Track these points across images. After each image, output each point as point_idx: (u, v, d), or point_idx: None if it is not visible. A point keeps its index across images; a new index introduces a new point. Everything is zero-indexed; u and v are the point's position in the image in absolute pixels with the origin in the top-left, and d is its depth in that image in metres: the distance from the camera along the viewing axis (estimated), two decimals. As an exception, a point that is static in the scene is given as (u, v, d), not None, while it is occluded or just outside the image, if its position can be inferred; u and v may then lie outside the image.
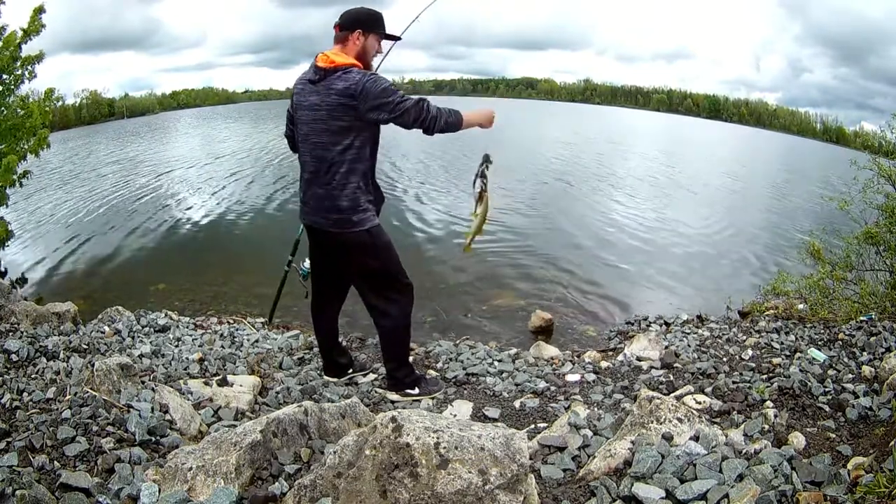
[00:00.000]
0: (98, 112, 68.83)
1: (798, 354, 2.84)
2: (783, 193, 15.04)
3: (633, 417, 1.71)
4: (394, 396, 2.65)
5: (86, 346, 3.07)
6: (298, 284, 3.63)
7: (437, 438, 1.19)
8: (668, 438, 1.56)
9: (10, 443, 1.61)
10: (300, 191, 2.46)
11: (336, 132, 2.25)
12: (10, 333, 3.16)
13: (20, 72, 5.51)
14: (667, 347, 3.43)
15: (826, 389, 2.22)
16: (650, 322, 4.86)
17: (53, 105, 6.10)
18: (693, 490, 1.34)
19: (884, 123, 4.35)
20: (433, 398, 2.68)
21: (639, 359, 3.30)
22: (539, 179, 13.41)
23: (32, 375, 2.50)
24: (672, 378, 2.77)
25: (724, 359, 3.08)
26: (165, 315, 4.24)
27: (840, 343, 2.98)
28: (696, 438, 1.55)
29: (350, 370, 2.88)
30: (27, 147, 5.55)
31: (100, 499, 1.38)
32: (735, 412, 2.11)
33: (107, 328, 3.60)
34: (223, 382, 2.47)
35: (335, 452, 1.32)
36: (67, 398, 1.90)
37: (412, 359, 3.29)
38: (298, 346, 3.47)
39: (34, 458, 1.52)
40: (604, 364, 3.28)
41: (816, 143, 69.74)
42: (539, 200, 10.84)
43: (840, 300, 3.85)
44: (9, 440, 1.64)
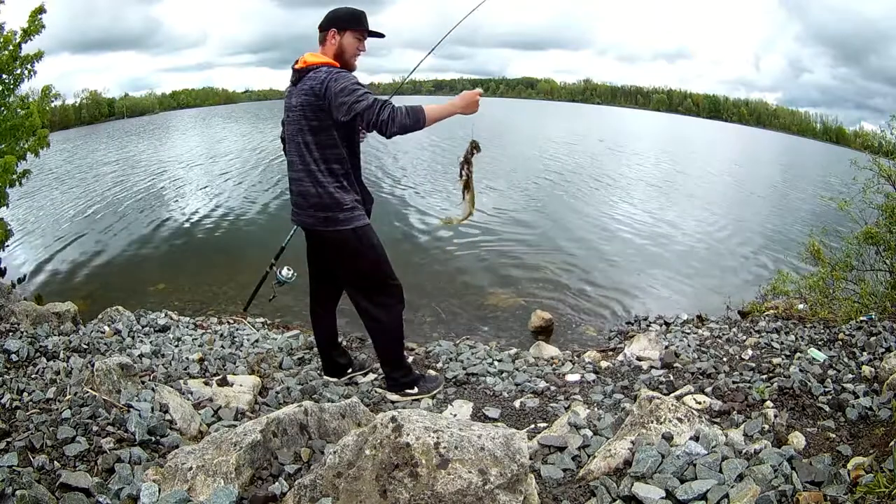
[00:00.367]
0: (98, 112, 68.86)
1: (798, 354, 2.84)
2: (783, 193, 15.05)
3: (633, 417, 1.71)
4: (393, 397, 2.66)
5: (86, 346, 3.08)
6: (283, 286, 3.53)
7: (437, 438, 1.19)
8: (668, 438, 1.56)
9: (10, 443, 1.62)
10: (290, 192, 2.48)
11: (312, 132, 2.27)
12: (10, 333, 3.16)
13: (20, 71, 5.50)
14: (667, 347, 3.43)
15: (826, 389, 2.22)
16: (650, 322, 4.86)
17: (51, 103, 6.09)
18: (693, 490, 1.34)
19: (883, 123, 4.36)
20: (433, 397, 2.68)
21: (639, 359, 3.29)
22: (539, 179, 13.41)
23: (32, 375, 2.50)
24: (672, 378, 2.77)
25: (724, 359, 3.08)
26: (165, 315, 4.24)
27: (840, 343, 2.98)
28: (696, 438, 1.55)
29: (350, 370, 2.88)
30: (26, 146, 5.54)
31: (100, 499, 1.38)
32: (735, 412, 2.11)
33: (107, 328, 3.60)
34: (223, 382, 2.47)
35: (335, 452, 1.32)
36: (67, 398, 1.90)
37: (412, 359, 3.30)
38: (298, 346, 3.46)
39: (34, 458, 1.52)
40: (604, 364, 3.28)
41: (816, 143, 69.75)
42: (539, 200, 10.85)
43: (840, 300, 3.85)
44: (9, 440, 1.64)
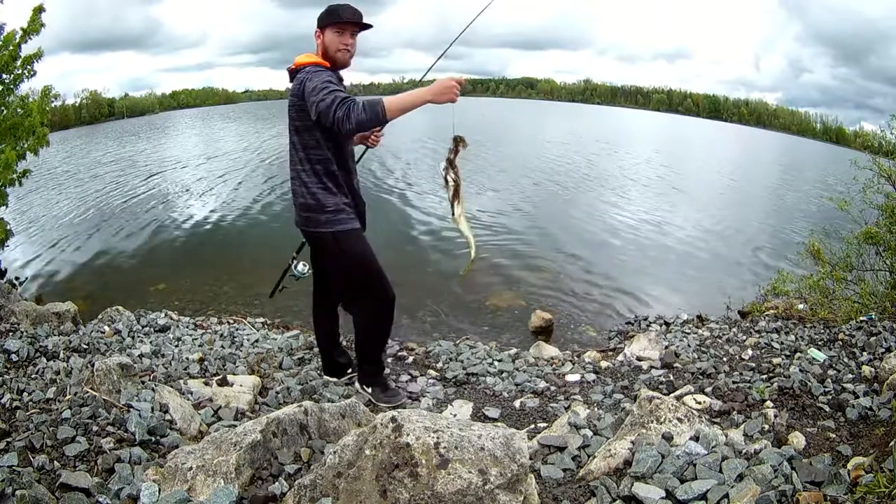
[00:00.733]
0: (98, 112, 68.91)
1: (798, 354, 2.84)
2: (783, 193, 15.05)
3: (633, 417, 1.71)
4: (356, 386, 2.67)
5: (86, 346, 3.08)
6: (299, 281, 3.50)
7: (437, 438, 1.19)
8: (668, 438, 1.56)
9: (10, 443, 1.61)
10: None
11: (297, 132, 2.28)
12: (10, 333, 3.16)
13: (20, 71, 5.50)
14: (667, 347, 3.43)
15: (826, 389, 2.22)
16: (650, 322, 4.86)
17: (51, 103, 6.09)
18: (693, 490, 1.34)
19: (883, 123, 4.36)
20: (389, 406, 2.53)
21: (639, 359, 3.30)
22: (539, 179, 13.40)
23: (32, 375, 2.50)
24: (672, 378, 2.77)
25: (724, 359, 3.08)
26: (165, 315, 4.24)
27: (840, 343, 2.98)
28: (696, 438, 1.55)
29: (349, 370, 2.88)
30: (26, 146, 5.54)
31: (100, 499, 1.38)
32: (735, 412, 2.11)
33: (107, 328, 3.60)
34: (223, 382, 2.47)
35: (335, 452, 1.32)
36: (67, 398, 1.90)
37: (412, 359, 3.30)
38: (298, 346, 3.46)
39: (34, 458, 1.52)
40: (604, 364, 3.28)
41: (816, 143, 69.83)
42: (540, 200, 10.85)
43: (840, 300, 3.85)
44: (9, 440, 1.64)
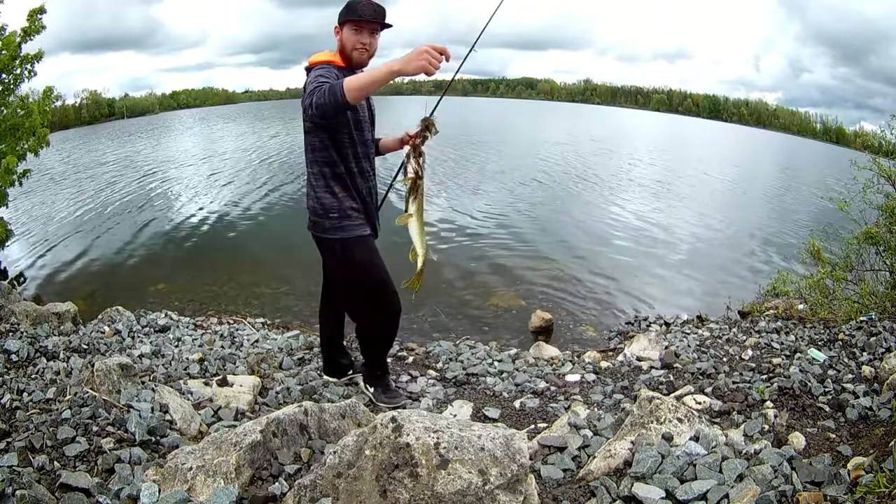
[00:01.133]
0: (98, 112, 68.89)
1: (798, 354, 2.84)
2: (783, 194, 15.05)
3: (633, 417, 1.71)
4: (360, 386, 2.67)
5: (86, 346, 3.08)
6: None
7: (437, 438, 1.19)
8: (668, 438, 1.56)
9: (10, 443, 1.62)
10: None
11: (306, 133, 2.22)
12: (10, 333, 3.16)
13: (20, 71, 5.51)
14: (667, 347, 3.43)
15: (826, 389, 2.22)
16: (650, 322, 4.87)
17: (52, 104, 6.10)
18: (693, 490, 1.34)
19: (883, 123, 4.35)
20: (390, 407, 2.52)
21: (639, 359, 3.30)
22: (539, 179, 13.41)
23: (32, 375, 2.51)
24: (672, 378, 2.77)
25: (724, 359, 3.08)
26: (165, 315, 4.24)
27: (840, 343, 2.98)
28: (696, 438, 1.55)
29: (350, 371, 2.88)
30: (27, 146, 5.55)
31: (100, 499, 1.38)
32: (735, 412, 2.11)
33: (107, 328, 3.60)
34: (223, 382, 2.47)
35: (335, 452, 1.32)
36: (67, 398, 1.90)
37: (411, 359, 3.30)
38: (298, 347, 3.46)
39: (34, 458, 1.52)
40: (604, 364, 3.28)
41: (817, 143, 69.84)
42: (539, 201, 10.85)
43: (840, 300, 3.85)
44: (9, 440, 1.64)
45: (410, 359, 3.33)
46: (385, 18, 2.17)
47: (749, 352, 3.13)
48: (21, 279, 6.13)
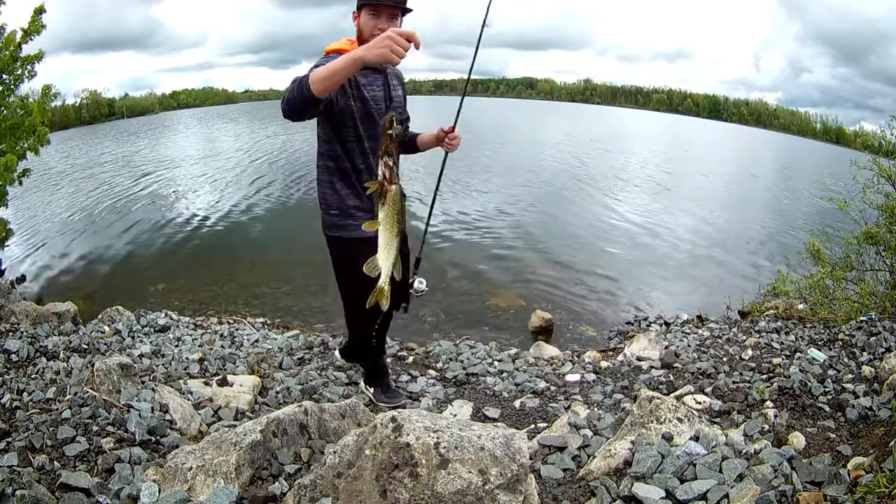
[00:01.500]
0: (98, 112, 68.92)
1: (798, 354, 2.84)
2: (783, 194, 15.05)
3: (633, 417, 1.71)
4: (361, 386, 2.68)
5: (86, 346, 3.08)
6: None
7: (437, 438, 1.19)
8: (668, 438, 1.56)
9: (10, 443, 1.62)
10: None
11: (316, 125, 2.14)
12: (10, 333, 3.16)
13: (20, 71, 5.51)
14: (667, 347, 3.43)
15: (826, 389, 2.22)
16: (650, 322, 4.87)
17: (51, 102, 6.10)
18: (693, 490, 1.34)
19: (883, 123, 4.35)
20: (390, 407, 2.52)
21: (639, 359, 3.30)
22: (539, 179, 13.41)
23: (32, 375, 2.50)
24: (672, 378, 2.77)
25: (724, 359, 3.08)
26: (165, 315, 4.23)
27: (840, 343, 2.97)
28: (696, 438, 1.55)
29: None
30: (26, 146, 5.55)
31: (100, 499, 1.38)
32: (735, 412, 2.11)
33: (107, 328, 3.60)
34: (223, 382, 2.47)
35: (335, 452, 1.32)
36: (67, 398, 1.90)
37: (411, 359, 3.30)
38: (298, 346, 3.46)
39: (34, 458, 1.52)
40: (604, 364, 3.28)
41: (817, 143, 69.84)
42: (539, 201, 10.84)
43: (840, 300, 3.84)
44: (9, 440, 1.64)
45: (410, 359, 3.33)
46: (406, 2, 2.01)
47: (749, 351, 3.13)
48: (21, 279, 6.13)
